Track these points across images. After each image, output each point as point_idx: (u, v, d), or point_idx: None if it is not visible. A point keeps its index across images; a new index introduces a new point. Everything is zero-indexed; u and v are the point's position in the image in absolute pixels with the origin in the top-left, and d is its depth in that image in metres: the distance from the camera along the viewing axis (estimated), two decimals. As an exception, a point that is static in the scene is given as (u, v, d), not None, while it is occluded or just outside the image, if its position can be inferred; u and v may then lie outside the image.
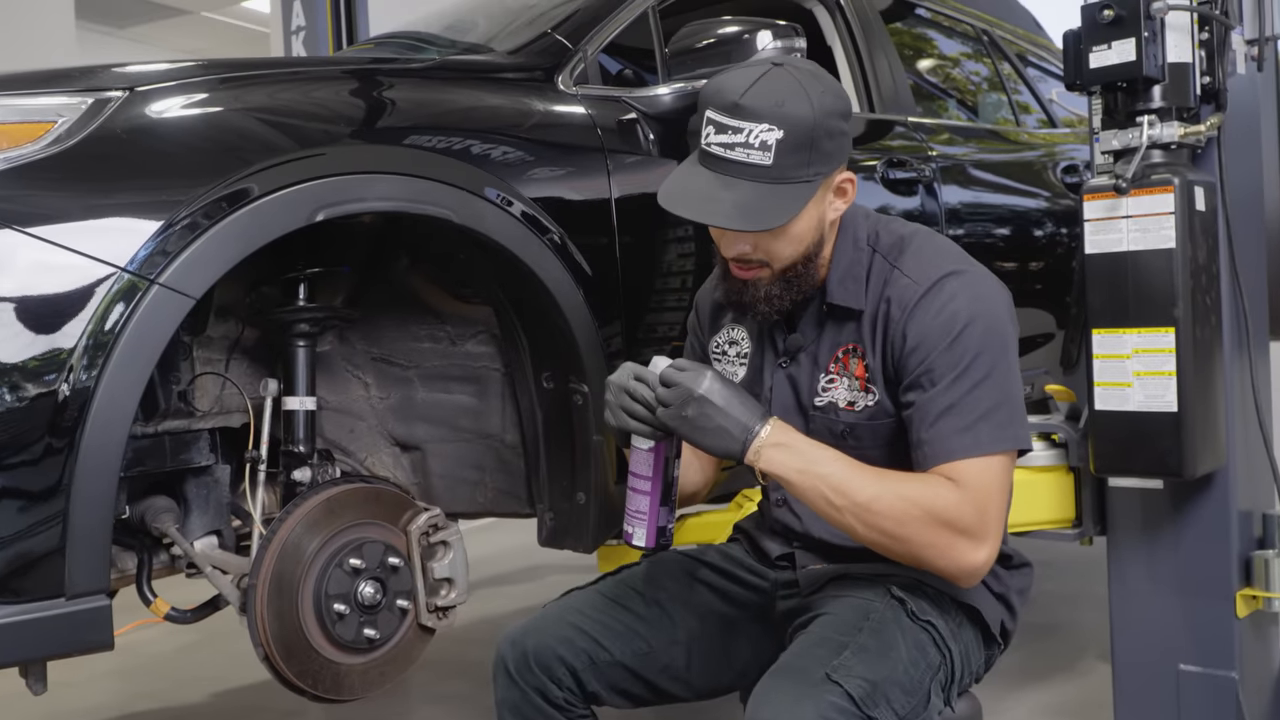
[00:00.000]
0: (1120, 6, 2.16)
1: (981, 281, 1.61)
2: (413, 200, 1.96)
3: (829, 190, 1.62)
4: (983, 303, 1.57)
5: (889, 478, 1.52)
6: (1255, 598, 2.37)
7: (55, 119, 1.68)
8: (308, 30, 5.32)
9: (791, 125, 1.53)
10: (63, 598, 1.62)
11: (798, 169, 1.54)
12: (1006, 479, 1.55)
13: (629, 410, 1.57)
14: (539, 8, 2.68)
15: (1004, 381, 1.55)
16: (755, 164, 1.53)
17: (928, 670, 1.57)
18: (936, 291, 1.57)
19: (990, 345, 1.55)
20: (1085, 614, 3.51)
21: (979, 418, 1.51)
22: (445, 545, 2.07)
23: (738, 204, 1.54)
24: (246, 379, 2.17)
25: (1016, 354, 1.60)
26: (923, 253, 1.63)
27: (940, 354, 1.54)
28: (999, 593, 1.72)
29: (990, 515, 1.51)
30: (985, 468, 1.51)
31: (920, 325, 1.56)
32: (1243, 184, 2.38)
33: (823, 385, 1.67)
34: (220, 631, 2.90)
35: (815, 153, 1.55)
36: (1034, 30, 4.31)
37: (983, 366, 1.53)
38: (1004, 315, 1.60)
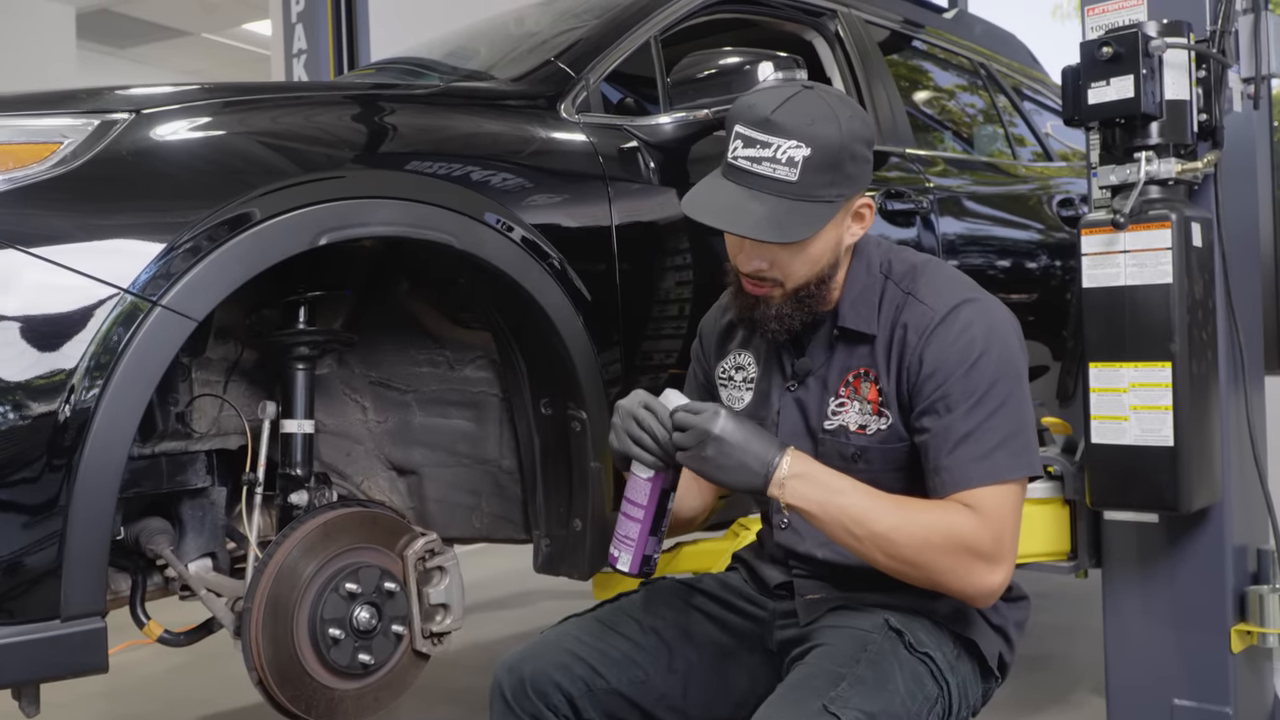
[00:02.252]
0: (1119, 44, 2.19)
1: (994, 310, 1.65)
2: (414, 225, 1.97)
3: (848, 214, 1.65)
4: (997, 331, 1.61)
5: (908, 506, 1.55)
6: (1250, 633, 2.37)
7: (61, 140, 1.69)
8: (309, 54, 5.34)
9: (820, 145, 1.56)
10: (58, 619, 1.62)
11: (822, 188, 1.57)
12: (1020, 504, 1.59)
13: (635, 437, 1.58)
14: (541, 35, 2.70)
15: (1018, 409, 1.59)
16: (781, 179, 1.56)
17: (925, 703, 1.57)
18: (953, 319, 1.60)
19: (1005, 373, 1.59)
20: (1080, 647, 3.50)
21: (995, 446, 1.55)
22: (441, 570, 2.07)
23: (762, 216, 1.56)
24: (244, 401, 2.17)
25: (1028, 381, 1.64)
26: (936, 280, 1.67)
27: (957, 381, 1.57)
28: (997, 625, 1.72)
29: (1005, 540, 1.55)
30: (1001, 495, 1.55)
31: (937, 351, 1.59)
32: (1239, 220, 2.40)
33: (833, 409, 1.69)
34: (212, 654, 2.88)
35: (839, 174, 1.58)
36: (1030, 64, 4.35)
37: (999, 395, 1.57)
38: (1016, 344, 1.64)
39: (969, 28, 4.05)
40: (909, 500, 1.56)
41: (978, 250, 3.27)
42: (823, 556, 1.72)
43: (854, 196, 1.64)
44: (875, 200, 2.86)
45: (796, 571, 1.76)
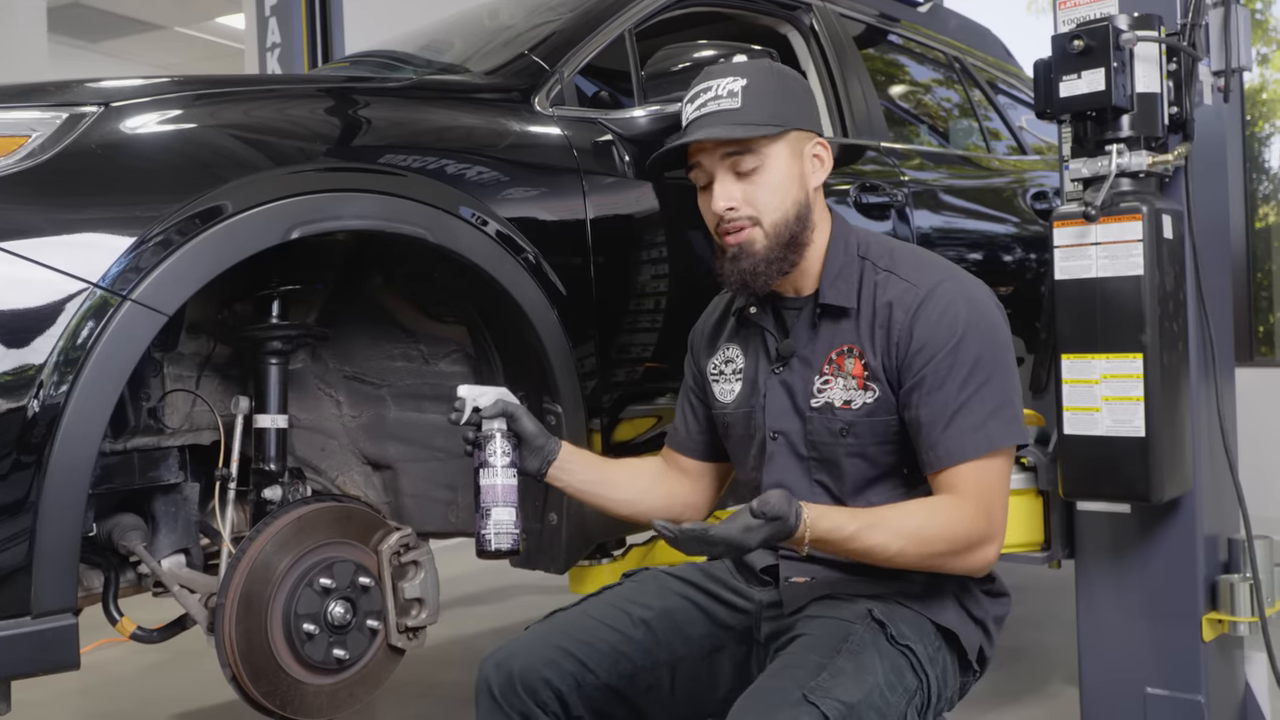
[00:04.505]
0: (1090, 37, 2.20)
1: (974, 285, 1.72)
2: (387, 219, 1.96)
3: (804, 149, 1.73)
4: (980, 306, 1.68)
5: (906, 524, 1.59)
6: (1221, 621, 2.39)
7: (29, 133, 1.67)
8: (283, 47, 5.31)
9: (753, 76, 1.69)
10: (28, 616, 1.61)
11: (765, 113, 1.68)
12: (1008, 472, 1.66)
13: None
14: (516, 29, 2.69)
15: (1006, 380, 1.65)
16: (725, 109, 1.68)
17: (904, 695, 1.57)
18: (937, 294, 1.66)
19: (991, 346, 1.65)
20: (1053, 637, 3.52)
21: (988, 416, 1.62)
22: (416, 565, 2.06)
23: (706, 129, 1.69)
24: (217, 396, 2.16)
25: (1014, 352, 1.70)
26: (915, 260, 1.74)
27: (946, 356, 1.63)
28: (979, 618, 1.73)
29: (997, 513, 1.63)
30: (993, 466, 1.62)
31: (925, 327, 1.64)
32: (1209, 212, 2.42)
33: (818, 386, 1.72)
34: (186, 651, 2.87)
35: (780, 103, 1.69)
36: (1004, 58, 4.36)
37: (987, 367, 1.63)
38: (999, 317, 1.71)
39: (944, 22, 4.06)
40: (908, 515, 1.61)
41: (952, 243, 3.29)
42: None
43: (804, 132, 1.73)
44: (850, 193, 2.90)
45: (783, 553, 1.77)
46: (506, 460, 1.73)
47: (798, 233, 1.71)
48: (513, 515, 1.72)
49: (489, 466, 1.72)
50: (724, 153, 1.68)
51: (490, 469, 1.72)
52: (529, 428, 1.77)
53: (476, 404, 1.75)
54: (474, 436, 1.74)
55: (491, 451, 1.73)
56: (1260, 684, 2.53)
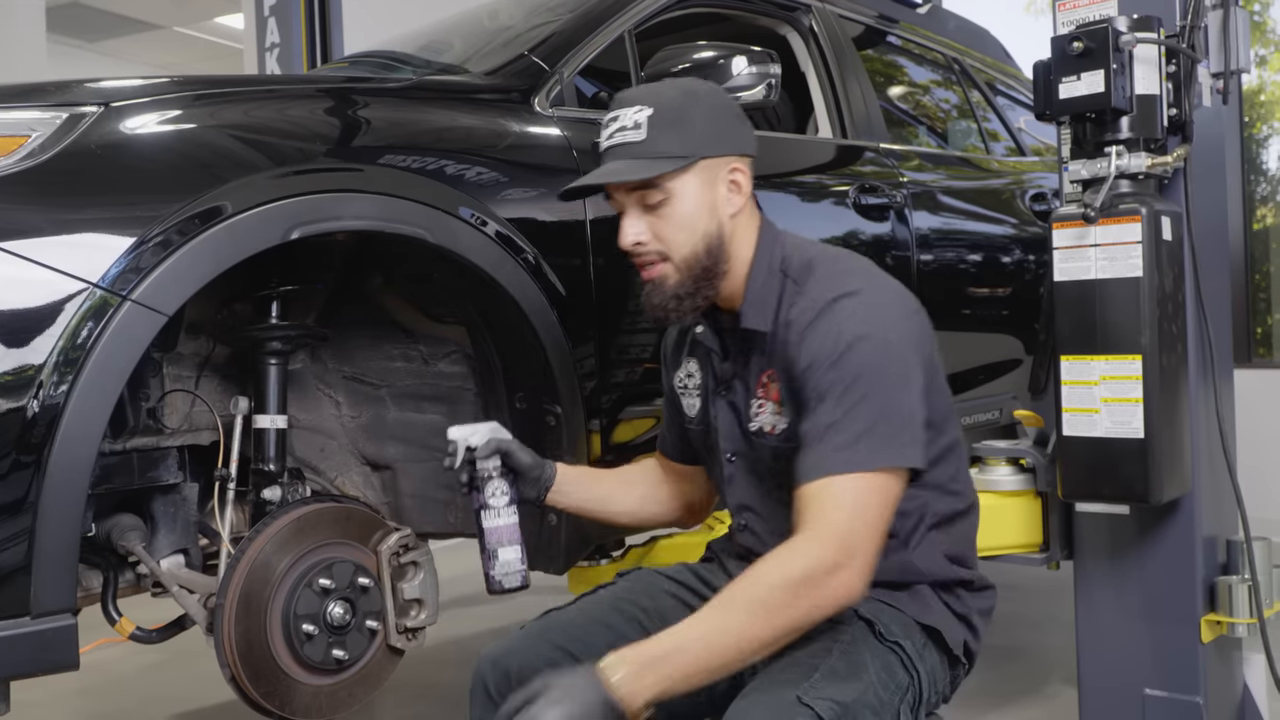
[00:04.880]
0: (1089, 39, 2.20)
1: (878, 299, 1.60)
2: (387, 219, 1.96)
3: (717, 177, 1.66)
4: (874, 321, 1.56)
5: (735, 588, 1.47)
6: (1219, 623, 2.39)
7: (29, 133, 1.67)
8: (282, 47, 5.31)
9: (660, 103, 1.62)
10: (28, 616, 1.60)
11: (670, 144, 1.61)
12: (883, 497, 1.52)
13: None
14: (515, 29, 2.69)
15: (890, 398, 1.53)
16: (631, 142, 1.62)
17: (896, 691, 1.58)
18: (828, 312, 1.57)
19: (877, 362, 1.54)
20: (1051, 638, 3.52)
21: (859, 435, 1.50)
22: (415, 566, 2.06)
23: (608, 170, 1.64)
24: (217, 396, 2.15)
25: (915, 376, 1.58)
26: (824, 275, 1.64)
27: (825, 372, 1.54)
28: (961, 614, 1.72)
29: (856, 535, 1.48)
30: (859, 484, 1.49)
31: (810, 346, 1.57)
32: (1208, 214, 2.42)
33: (754, 411, 1.69)
34: (185, 651, 2.87)
35: (688, 130, 1.62)
36: (1003, 59, 4.37)
37: (866, 384, 1.52)
38: (900, 331, 1.58)
39: (943, 23, 4.06)
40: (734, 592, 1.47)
41: (951, 245, 3.29)
42: None
43: (717, 158, 1.65)
44: (850, 194, 2.90)
45: None
46: (506, 499, 1.75)
47: (710, 265, 1.65)
48: (518, 553, 1.75)
49: (489, 508, 1.74)
50: (630, 186, 1.63)
51: (491, 510, 1.74)
52: (524, 460, 1.78)
53: (469, 444, 1.75)
54: (470, 478, 1.75)
55: (491, 492, 1.74)
56: (1259, 685, 2.54)
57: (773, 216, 2.81)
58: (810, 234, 2.85)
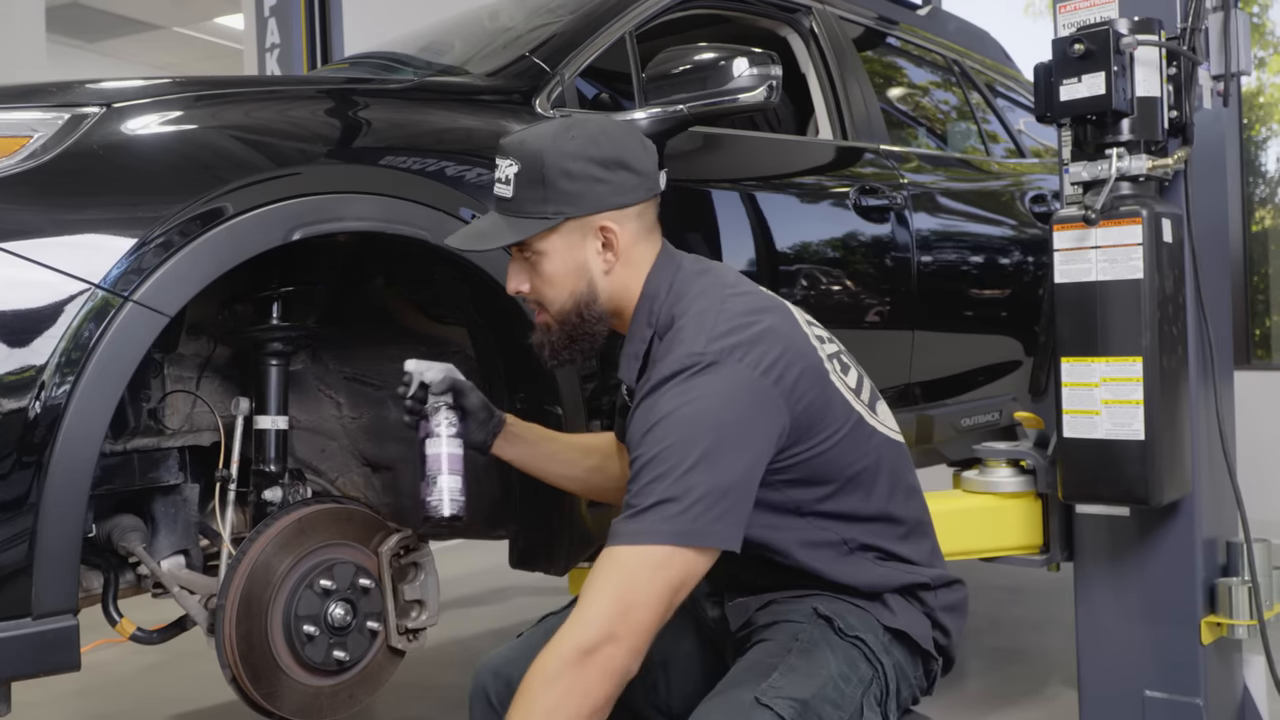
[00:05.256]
0: (1090, 41, 2.20)
1: (702, 375, 1.48)
2: (388, 220, 1.96)
3: (585, 236, 1.62)
4: (687, 395, 1.47)
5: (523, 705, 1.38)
6: (1220, 625, 2.39)
7: (30, 134, 1.67)
8: (282, 48, 5.31)
9: (526, 160, 1.61)
10: (29, 617, 1.60)
11: (534, 204, 1.60)
12: (664, 574, 1.41)
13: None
14: (516, 30, 2.69)
15: (689, 474, 1.43)
16: (502, 196, 1.64)
17: (859, 684, 1.57)
18: (652, 393, 1.51)
19: (681, 437, 1.44)
20: (1051, 640, 3.53)
21: (645, 509, 1.42)
22: (416, 567, 2.06)
23: (478, 231, 1.67)
24: (218, 397, 2.15)
25: (733, 443, 1.46)
26: (669, 344, 1.56)
27: (635, 448, 1.49)
28: (924, 612, 1.70)
29: (631, 611, 1.40)
30: (632, 560, 1.41)
31: (633, 423, 1.53)
32: (1208, 216, 2.43)
33: None
34: (184, 651, 2.87)
35: (551, 190, 1.59)
36: (1003, 61, 4.37)
37: (663, 462, 1.44)
38: (718, 404, 1.47)
39: (942, 24, 4.07)
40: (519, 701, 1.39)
41: (951, 246, 3.29)
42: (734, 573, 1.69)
43: (585, 215, 1.60)
44: (850, 195, 2.90)
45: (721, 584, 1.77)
46: (453, 430, 1.79)
47: (579, 324, 1.64)
48: (459, 483, 1.79)
49: (435, 436, 1.77)
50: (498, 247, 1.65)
51: (436, 438, 1.77)
52: (474, 402, 1.82)
53: (423, 378, 1.80)
54: (419, 409, 1.79)
55: (438, 423, 1.78)
56: (1258, 687, 2.54)
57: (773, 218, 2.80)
58: (811, 235, 2.87)
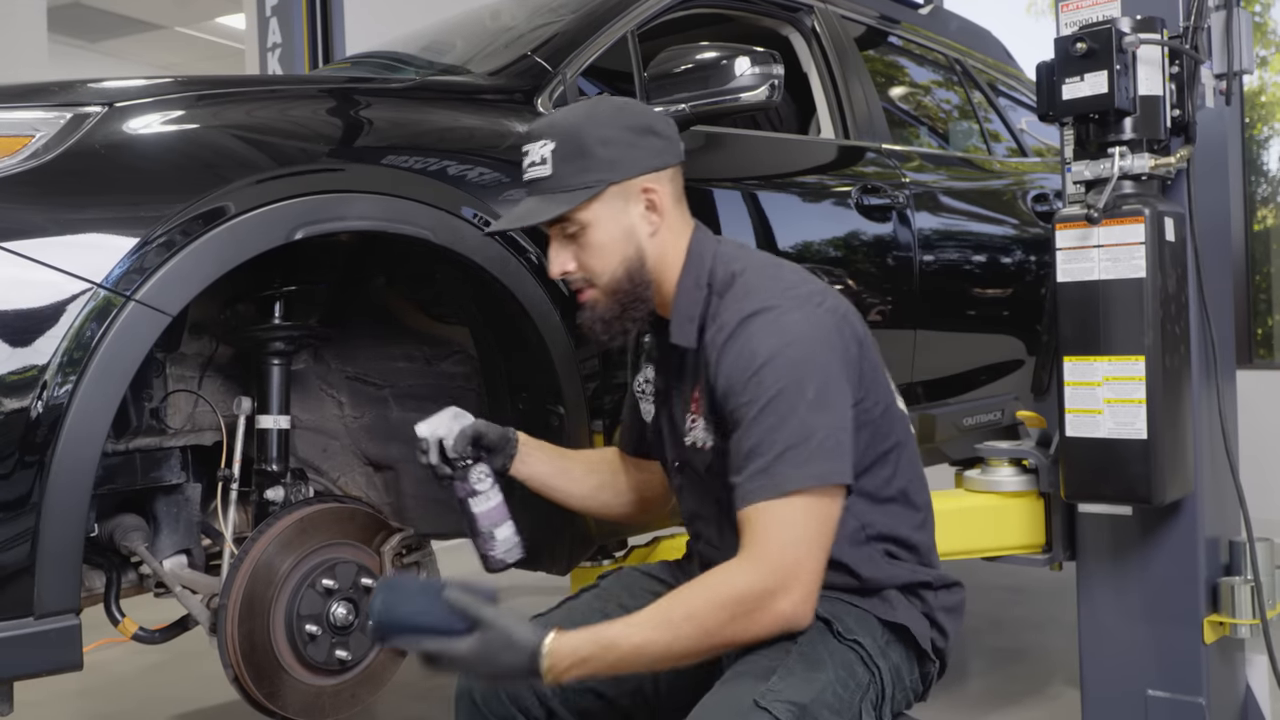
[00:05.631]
0: (1093, 40, 2.20)
1: (791, 314, 1.57)
2: (390, 220, 1.96)
3: (629, 200, 1.66)
4: (785, 336, 1.54)
5: (675, 608, 1.48)
6: (1222, 624, 2.39)
7: (32, 133, 1.67)
8: (284, 48, 5.31)
9: (560, 135, 1.64)
10: (31, 617, 1.60)
11: (574, 175, 1.63)
12: (815, 516, 1.50)
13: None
14: (518, 30, 2.69)
15: (806, 416, 1.50)
16: (540, 178, 1.65)
17: (857, 689, 1.57)
18: (738, 333, 1.56)
19: (792, 380, 1.51)
20: (1054, 639, 3.52)
21: (776, 457, 1.49)
22: (418, 566, 2.06)
23: (514, 215, 1.69)
24: (220, 396, 2.15)
25: (836, 383, 1.54)
26: (741, 291, 1.62)
27: (740, 395, 1.53)
28: (924, 611, 1.71)
29: (790, 560, 1.47)
30: (786, 509, 1.48)
31: (724, 369, 1.56)
32: (1211, 215, 2.42)
33: (688, 425, 1.70)
34: (186, 651, 2.87)
35: (590, 159, 1.63)
36: (1005, 60, 4.37)
37: (782, 404, 1.50)
38: (814, 346, 1.55)
39: (944, 24, 4.06)
40: (669, 602, 1.50)
41: (953, 245, 3.29)
42: None
43: (625, 180, 1.65)
44: (852, 194, 2.90)
45: None
46: (490, 481, 1.76)
47: (632, 289, 1.66)
48: (512, 527, 1.79)
49: (478, 494, 1.75)
50: (547, 221, 1.66)
51: (480, 496, 1.75)
52: (493, 437, 1.80)
53: (439, 437, 1.76)
54: (448, 473, 1.76)
55: (475, 479, 1.75)
56: (1261, 686, 2.54)
57: (775, 218, 2.80)
58: (812, 235, 2.87)
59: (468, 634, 1.44)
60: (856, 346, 1.61)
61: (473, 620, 1.44)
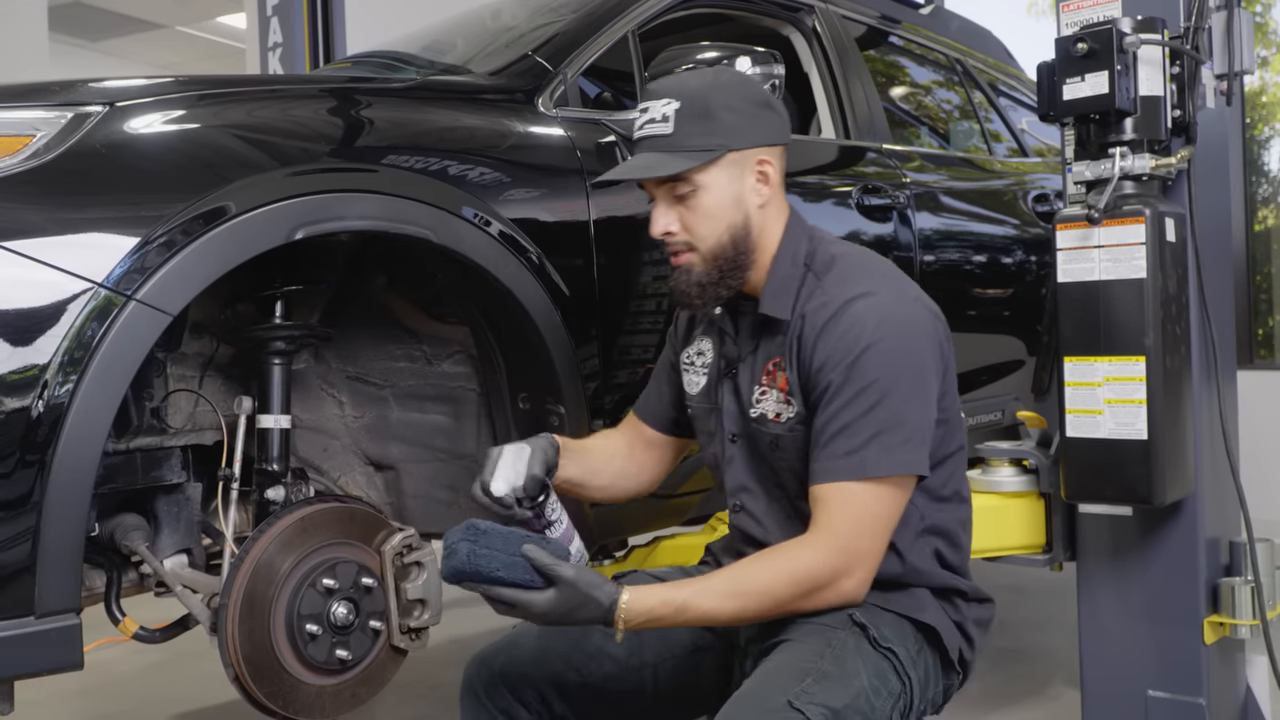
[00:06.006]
0: (1094, 40, 2.20)
1: (896, 303, 1.63)
2: (391, 219, 1.96)
3: (744, 169, 1.67)
4: (890, 325, 1.59)
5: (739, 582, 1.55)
6: (1222, 624, 2.39)
7: (33, 133, 1.67)
8: (284, 47, 5.32)
9: (687, 96, 1.64)
10: (32, 616, 1.60)
11: (696, 137, 1.63)
12: (888, 505, 1.58)
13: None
14: (519, 30, 2.69)
15: (901, 405, 1.57)
16: (659, 135, 1.65)
17: (889, 698, 1.57)
18: (844, 313, 1.60)
19: (892, 368, 1.57)
20: (1054, 639, 3.52)
21: (867, 440, 1.55)
22: (419, 566, 2.06)
23: (637, 165, 1.67)
24: (220, 396, 2.15)
25: (928, 380, 1.62)
26: (846, 273, 1.67)
27: (839, 374, 1.57)
28: (956, 620, 1.72)
29: (860, 544, 1.56)
30: (865, 494, 1.55)
31: (825, 346, 1.60)
32: (1212, 215, 2.42)
33: (756, 396, 1.71)
34: (186, 651, 2.87)
35: (713, 122, 1.63)
36: (1005, 60, 4.37)
37: (879, 389, 1.56)
38: (915, 339, 1.62)
39: (945, 24, 4.06)
40: (742, 571, 1.56)
41: (954, 245, 3.29)
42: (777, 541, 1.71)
43: (744, 149, 1.66)
44: (853, 195, 2.90)
45: None
46: (560, 506, 1.73)
47: (734, 257, 1.67)
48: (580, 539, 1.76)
49: (553, 524, 1.71)
50: (658, 179, 1.66)
51: (555, 523, 1.71)
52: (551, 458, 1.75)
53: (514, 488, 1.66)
54: (530, 516, 1.68)
55: (550, 511, 1.71)
56: (1261, 687, 2.54)
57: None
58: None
59: (544, 589, 1.46)
60: (946, 344, 1.68)
61: (551, 578, 1.45)
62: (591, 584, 1.47)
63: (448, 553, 1.48)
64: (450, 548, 1.48)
